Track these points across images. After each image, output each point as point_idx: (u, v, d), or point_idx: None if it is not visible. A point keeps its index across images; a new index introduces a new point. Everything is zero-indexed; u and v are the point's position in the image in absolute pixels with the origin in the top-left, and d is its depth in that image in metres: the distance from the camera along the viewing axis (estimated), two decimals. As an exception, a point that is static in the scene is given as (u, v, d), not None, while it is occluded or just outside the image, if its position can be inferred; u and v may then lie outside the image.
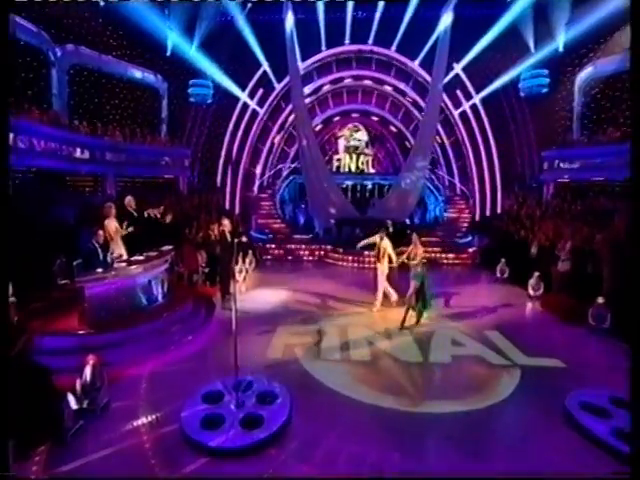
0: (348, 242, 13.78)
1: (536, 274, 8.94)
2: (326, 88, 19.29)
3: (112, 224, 6.95)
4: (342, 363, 5.66)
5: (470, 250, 12.92)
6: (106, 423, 4.15)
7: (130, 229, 7.13)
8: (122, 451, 3.74)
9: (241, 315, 7.37)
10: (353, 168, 20.47)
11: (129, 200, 7.81)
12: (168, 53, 17.17)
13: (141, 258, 6.76)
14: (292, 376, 5.19)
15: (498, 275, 10.79)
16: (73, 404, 3.98)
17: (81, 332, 5.59)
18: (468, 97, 16.99)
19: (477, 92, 16.68)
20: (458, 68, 16.28)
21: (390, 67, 18.07)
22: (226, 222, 9.26)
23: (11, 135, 11.41)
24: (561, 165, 14.36)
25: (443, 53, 12.61)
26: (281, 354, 5.94)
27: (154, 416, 4.28)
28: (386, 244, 8.05)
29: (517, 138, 16.80)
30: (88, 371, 4.28)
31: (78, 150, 12.77)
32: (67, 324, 5.86)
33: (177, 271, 9.11)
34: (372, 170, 20.92)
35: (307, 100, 17.62)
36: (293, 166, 18.80)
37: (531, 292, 8.98)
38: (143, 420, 4.22)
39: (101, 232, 6.69)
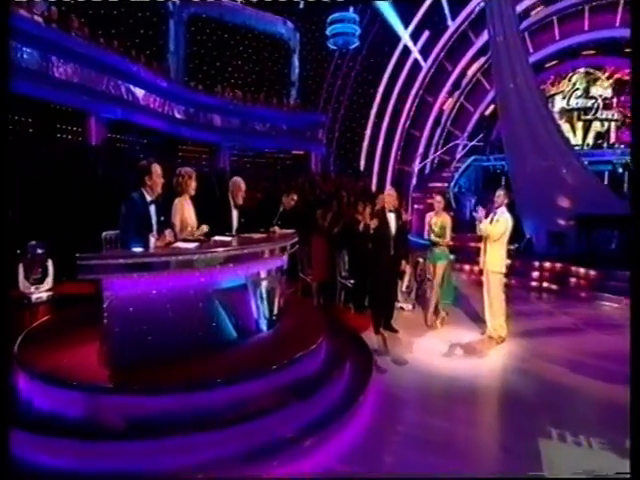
0: (598, 258, 9.18)
1: None
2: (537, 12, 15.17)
3: (185, 206, 3.92)
4: None
5: None
6: None
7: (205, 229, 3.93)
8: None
9: (420, 384, 4.13)
10: (575, 141, 15.20)
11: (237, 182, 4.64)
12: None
13: (228, 239, 3.89)
14: None
15: None
16: None
17: (89, 383, 2.83)
18: None
19: None
20: None
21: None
22: (391, 193, 5.87)
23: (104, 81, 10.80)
24: None
25: None
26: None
27: None
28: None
29: None
30: None
31: (181, 109, 11.50)
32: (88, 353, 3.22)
33: (301, 279, 6.17)
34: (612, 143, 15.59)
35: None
36: (472, 144, 15.06)
37: None
38: None
39: (158, 169, 3.48)
